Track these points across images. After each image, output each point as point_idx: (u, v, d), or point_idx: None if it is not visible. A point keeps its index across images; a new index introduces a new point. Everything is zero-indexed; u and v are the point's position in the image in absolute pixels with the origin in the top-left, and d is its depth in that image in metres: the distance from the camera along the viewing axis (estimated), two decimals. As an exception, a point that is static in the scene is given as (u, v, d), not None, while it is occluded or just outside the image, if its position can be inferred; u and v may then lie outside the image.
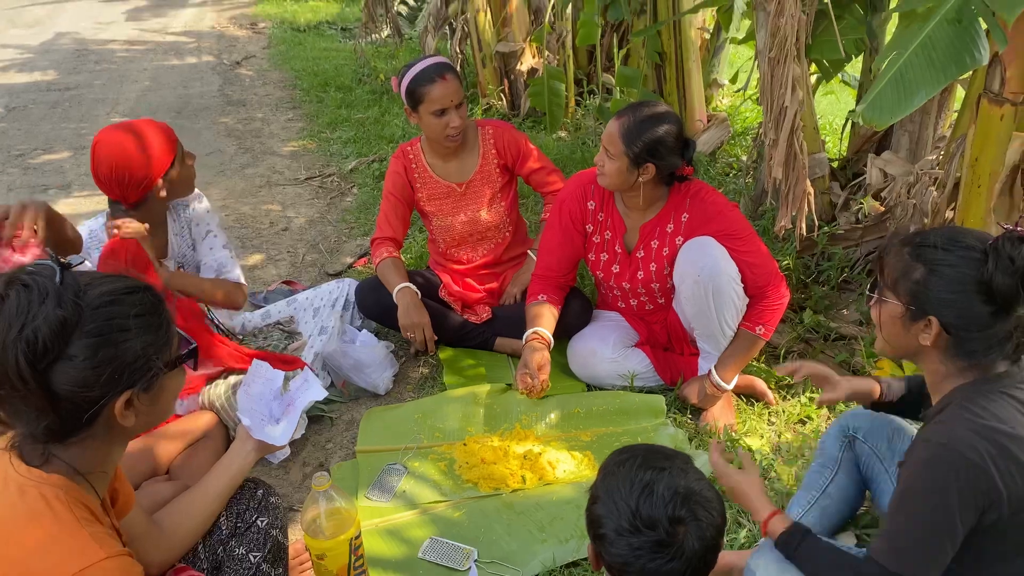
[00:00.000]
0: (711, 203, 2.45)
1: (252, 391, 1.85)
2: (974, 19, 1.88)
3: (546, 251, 2.68)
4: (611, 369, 2.63)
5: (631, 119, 2.32)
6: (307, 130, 5.70)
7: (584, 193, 2.59)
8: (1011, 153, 2.19)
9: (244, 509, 1.76)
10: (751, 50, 3.87)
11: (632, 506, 1.26)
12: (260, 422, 1.79)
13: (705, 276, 2.35)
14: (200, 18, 10.39)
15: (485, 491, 2.26)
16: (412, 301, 2.73)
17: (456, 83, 2.66)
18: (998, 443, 1.38)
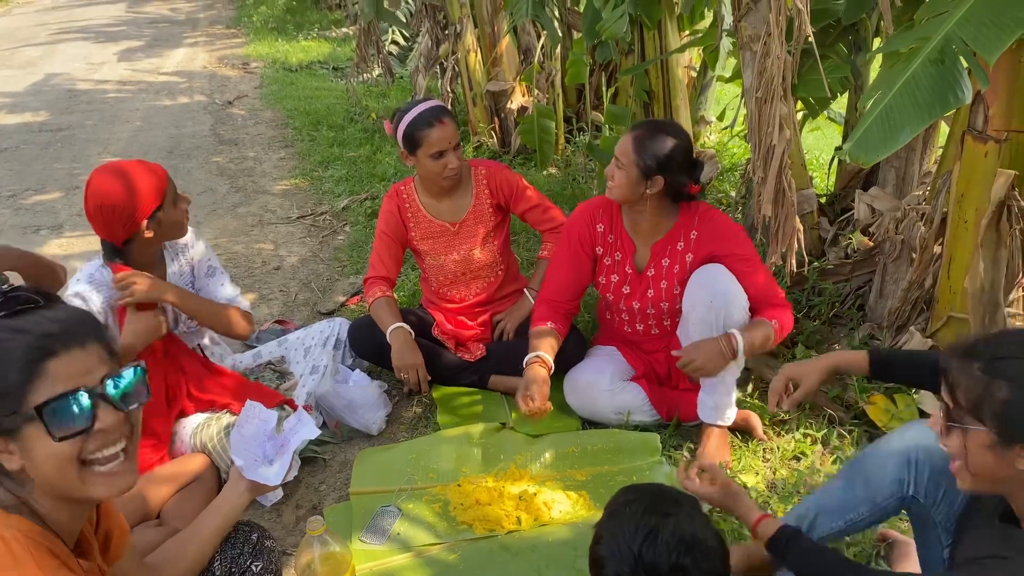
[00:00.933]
0: (721, 223, 2.51)
1: (245, 432, 1.84)
2: (956, 59, 1.92)
3: (554, 275, 2.69)
4: (608, 401, 2.63)
5: (644, 131, 2.40)
6: (299, 168, 5.73)
7: (593, 216, 2.63)
8: (996, 189, 2.22)
9: (239, 554, 1.74)
10: (738, 87, 3.93)
11: (635, 550, 1.25)
12: (253, 463, 1.78)
13: (719, 302, 2.38)
14: (192, 58, 10.48)
15: (480, 533, 2.23)
16: (406, 341, 2.73)
17: (453, 125, 2.69)
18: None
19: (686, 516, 1.29)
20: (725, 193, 4.64)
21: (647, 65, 3.94)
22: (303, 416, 1.88)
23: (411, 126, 2.68)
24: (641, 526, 1.27)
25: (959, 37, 1.92)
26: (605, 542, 1.30)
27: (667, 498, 1.33)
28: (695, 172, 2.46)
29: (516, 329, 2.94)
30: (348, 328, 2.91)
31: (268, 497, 2.39)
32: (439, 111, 2.69)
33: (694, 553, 1.25)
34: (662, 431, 2.61)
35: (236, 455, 1.77)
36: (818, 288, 3.16)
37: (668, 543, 1.25)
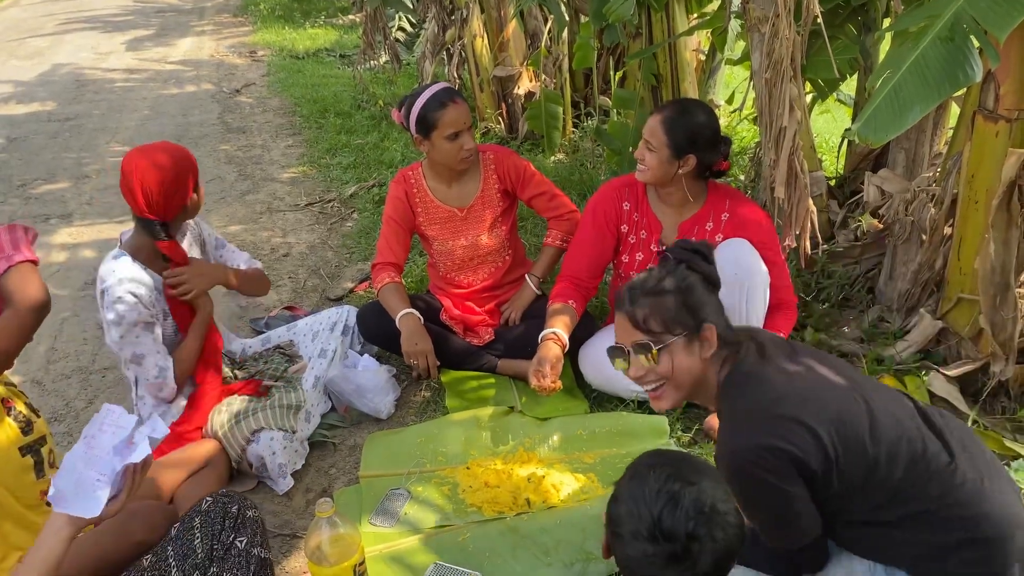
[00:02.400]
0: (753, 208, 2.56)
1: (96, 443, 1.52)
2: (966, 37, 1.90)
3: (576, 253, 2.70)
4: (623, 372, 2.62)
5: (672, 111, 2.43)
6: (307, 156, 5.73)
7: (619, 195, 2.64)
8: (1007, 169, 2.20)
9: (219, 529, 1.70)
10: (746, 70, 3.90)
11: (654, 514, 1.25)
12: (87, 485, 1.48)
13: (744, 274, 2.40)
14: (199, 47, 10.47)
15: (489, 515, 2.24)
16: (415, 327, 2.73)
17: (465, 106, 2.69)
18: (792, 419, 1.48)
19: (709, 486, 1.28)
20: (735, 177, 4.62)
21: (655, 48, 3.91)
22: (156, 423, 1.60)
23: (424, 108, 2.67)
24: (663, 491, 1.26)
25: (969, 15, 1.90)
26: (624, 501, 1.30)
27: (691, 466, 1.33)
28: (724, 148, 2.49)
29: (521, 316, 2.95)
30: (357, 313, 2.91)
31: (278, 484, 2.40)
32: (451, 92, 2.69)
33: (711, 524, 1.25)
34: (669, 414, 2.61)
35: (60, 478, 1.46)
36: (827, 271, 3.15)
37: (688, 511, 1.25)
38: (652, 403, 1.70)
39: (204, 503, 1.76)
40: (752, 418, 1.52)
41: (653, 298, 1.62)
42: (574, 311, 2.62)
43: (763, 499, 1.52)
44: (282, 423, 2.43)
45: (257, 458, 2.37)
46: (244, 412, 2.41)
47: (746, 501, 1.51)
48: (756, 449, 1.47)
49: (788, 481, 1.48)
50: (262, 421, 2.39)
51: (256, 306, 3.55)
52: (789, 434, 1.47)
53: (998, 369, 2.38)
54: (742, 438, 1.51)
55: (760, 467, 1.47)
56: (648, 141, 2.44)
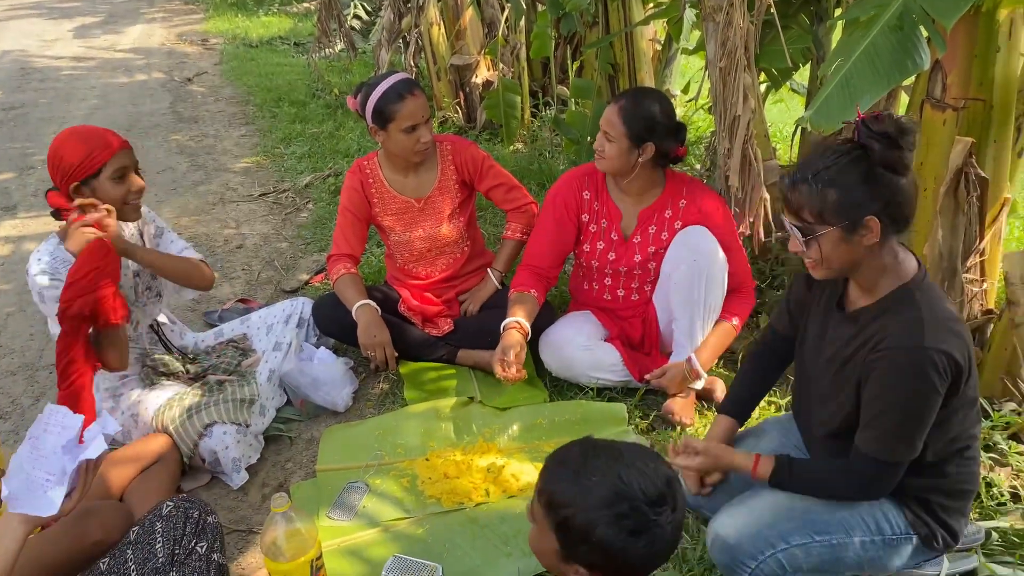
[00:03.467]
0: (709, 195, 2.59)
1: (41, 444, 1.52)
2: (915, 26, 1.92)
3: (537, 242, 2.70)
4: (584, 357, 2.64)
5: (628, 100, 2.44)
6: (261, 146, 5.64)
7: (579, 184, 2.65)
8: (954, 156, 2.24)
9: (180, 534, 1.70)
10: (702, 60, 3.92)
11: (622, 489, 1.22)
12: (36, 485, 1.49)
13: (703, 260, 2.44)
14: (149, 35, 10.23)
15: (448, 506, 2.23)
16: (372, 318, 2.69)
17: (424, 98, 2.66)
18: (959, 334, 1.57)
19: (629, 452, 1.28)
20: (690, 166, 4.65)
21: (611, 38, 3.92)
22: (107, 420, 1.60)
23: (382, 100, 2.62)
24: (608, 477, 1.24)
25: (918, 4, 1.92)
26: (581, 508, 1.23)
27: (598, 447, 1.31)
28: (680, 135, 2.51)
29: (479, 308, 2.93)
30: (312, 305, 2.87)
31: (233, 479, 2.36)
32: (410, 84, 2.65)
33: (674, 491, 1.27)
34: (628, 400, 2.63)
35: (10, 480, 1.47)
36: (781, 258, 3.19)
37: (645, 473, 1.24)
38: (814, 273, 1.71)
39: (165, 508, 1.73)
40: (940, 325, 1.57)
41: (809, 187, 1.59)
42: (535, 300, 2.62)
43: (914, 398, 1.57)
44: (235, 417, 2.38)
45: (210, 453, 2.33)
46: (196, 406, 2.37)
47: (896, 396, 1.58)
48: (938, 352, 1.53)
49: (940, 389, 1.56)
50: (214, 415, 2.35)
51: (209, 299, 3.48)
52: (963, 347, 1.56)
53: (946, 353, 2.43)
54: (931, 337, 1.55)
55: (934, 367, 1.53)
56: (606, 131, 2.45)
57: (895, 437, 1.60)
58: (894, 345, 1.58)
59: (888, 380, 1.58)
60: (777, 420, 2.13)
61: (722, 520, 1.80)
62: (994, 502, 2.11)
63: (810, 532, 1.71)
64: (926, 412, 1.57)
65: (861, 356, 1.65)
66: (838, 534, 1.72)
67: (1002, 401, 2.37)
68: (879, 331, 1.62)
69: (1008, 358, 2.34)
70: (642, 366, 2.65)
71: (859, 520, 1.72)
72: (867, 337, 1.65)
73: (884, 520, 1.72)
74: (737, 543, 1.74)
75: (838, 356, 1.73)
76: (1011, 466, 2.18)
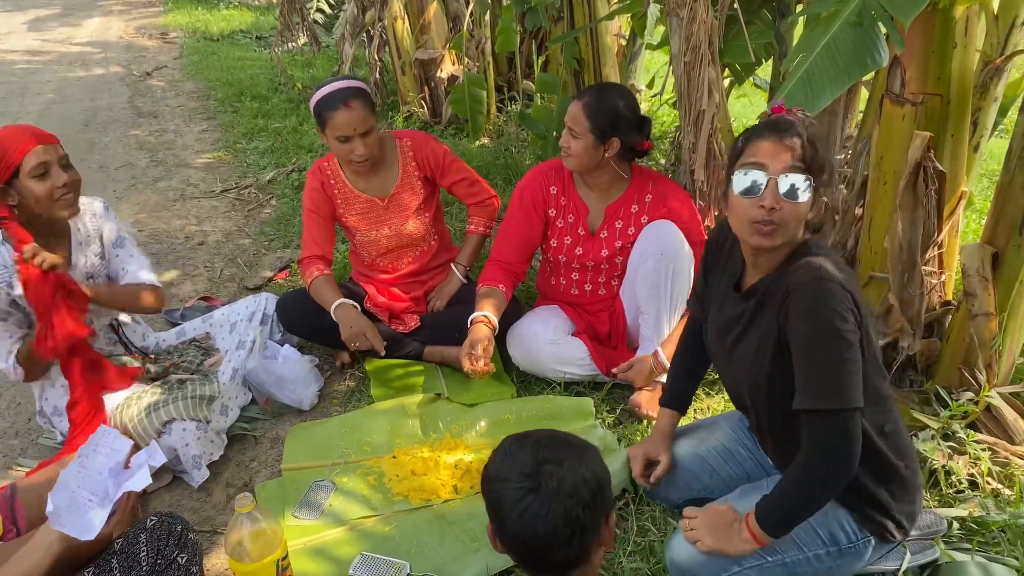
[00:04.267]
0: (674, 189, 2.61)
1: (89, 463, 1.63)
2: (874, 23, 1.95)
3: (505, 237, 2.70)
4: (552, 352, 2.64)
5: (591, 96, 2.44)
6: (222, 141, 5.55)
7: (546, 179, 2.66)
8: (913, 151, 2.28)
9: (164, 545, 1.72)
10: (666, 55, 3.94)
11: (513, 455, 1.31)
12: (79, 505, 1.59)
13: (670, 253, 2.46)
14: (107, 28, 10.03)
15: (416, 503, 2.22)
16: (349, 313, 2.67)
17: (363, 111, 2.57)
18: (851, 276, 1.61)
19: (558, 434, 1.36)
20: (656, 161, 4.68)
21: (576, 33, 3.92)
22: (154, 452, 1.72)
23: (319, 104, 2.59)
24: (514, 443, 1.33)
25: (876, 1, 1.95)
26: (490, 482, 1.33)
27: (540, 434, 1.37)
28: (645, 128, 2.52)
29: (445, 304, 2.92)
30: (276, 303, 2.83)
31: (194, 478, 2.32)
32: (350, 93, 2.57)
33: (556, 448, 1.31)
34: (595, 394, 2.64)
35: (55, 494, 1.55)
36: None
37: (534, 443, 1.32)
38: (761, 240, 1.63)
39: (150, 521, 1.75)
40: (836, 265, 1.60)
41: (816, 143, 1.60)
42: (503, 295, 2.61)
43: (830, 331, 1.54)
44: (194, 413, 2.35)
45: (170, 450, 2.29)
46: (155, 404, 2.33)
47: (814, 332, 1.56)
48: (838, 284, 1.55)
49: (851, 320, 1.55)
50: (173, 412, 2.31)
51: (171, 297, 3.42)
52: (857, 291, 1.59)
53: (906, 344, 2.47)
54: (829, 273, 1.57)
55: (838, 298, 1.54)
56: (572, 128, 2.45)
57: (830, 379, 1.54)
58: (799, 283, 1.59)
59: (802, 318, 1.57)
60: (730, 414, 2.16)
61: (676, 544, 1.79)
62: (953, 490, 2.16)
63: (762, 553, 1.70)
64: (846, 346, 1.54)
65: (770, 314, 1.66)
66: (791, 552, 1.72)
67: (960, 391, 2.41)
68: (783, 283, 1.64)
69: (965, 348, 2.39)
70: (609, 360, 2.66)
71: (813, 535, 1.72)
72: (775, 292, 1.66)
73: (839, 530, 1.72)
74: (691, 567, 1.74)
75: (743, 331, 1.75)
76: (968, 454, 2.23)
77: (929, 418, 2.35)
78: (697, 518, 1.76)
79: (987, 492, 2.14)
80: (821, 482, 1.59)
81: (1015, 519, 1.98)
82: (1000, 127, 3.44)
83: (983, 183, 4.46)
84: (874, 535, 1.73)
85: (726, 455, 2.06)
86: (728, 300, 1.82)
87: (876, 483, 1.69)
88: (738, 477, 2.04)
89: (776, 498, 1.64)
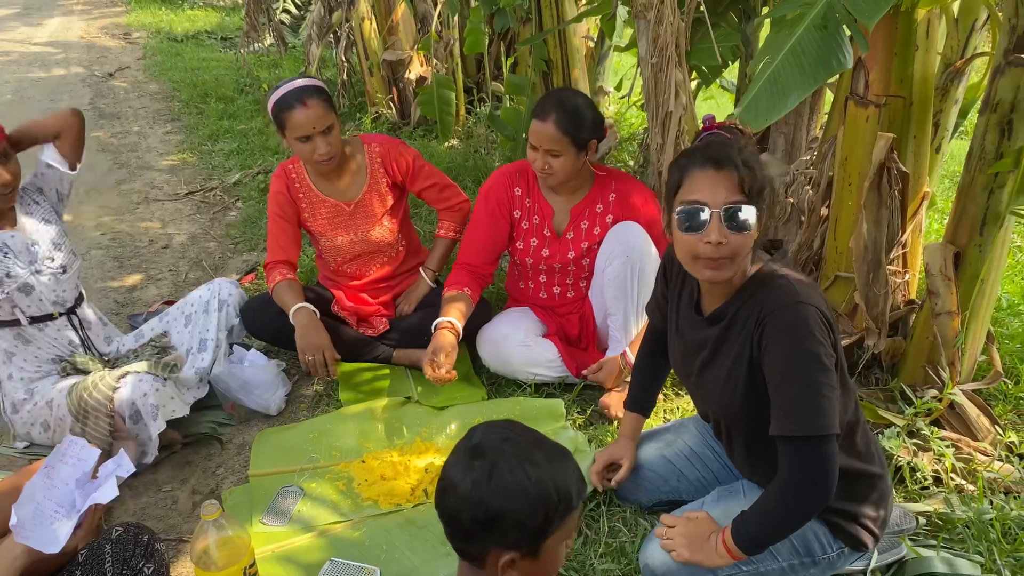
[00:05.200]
0: (637, 187, 2.62)
1: (56, 473, 1.59)
2: (838, 25, 1.97)
3: (471, 240, 2.69)
4: (523, 354, 2.63)
5: (557, 112, 2.41)
6: (187, 143, 5.48)
7: (510, 181, 2.66)
8: (877, 152, 2.31)
9: (130, 555, 1.69)
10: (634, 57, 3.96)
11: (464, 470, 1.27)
12: (45, 517, 1.55)
13: (635, 255, 2.47)
14: (67, 28, 9.85)
15: (386, 508, 2.20)
16: (308, 322, 2.58)
17: (320, 108, 2.51)
18: (821, 295, 1.60)
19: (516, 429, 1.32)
20: (624, 163, 4.70)
21: (545, 35, 3.92)
22: (122, 460, 1.67)
23: (276, 107, 2.54)
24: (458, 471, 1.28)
25: (841, 3, 1.96)
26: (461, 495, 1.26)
27: None
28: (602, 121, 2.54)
29: (414, 307, 2.90)
30: (241, 308, 2.74)
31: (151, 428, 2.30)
32: (305, 92, 2.51)
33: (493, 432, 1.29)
34: (565, 396, 2.63)
35: (20, 507, 1.52)
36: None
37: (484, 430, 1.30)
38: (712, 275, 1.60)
39: (115, 531, 1.72)
40: (805, 286, 1.59)
41: (754, 168, 1.56)
42: (470, 299, 2.60)
43: (807, 356, 1.53)
44: (151, 369, 2.34)
45: (129, 406, 2.26)
46: (104, 373, 2.32)
47: (790, 358, 1.55)
48: (812, 307, 1.54)
49: (826, 343, 1.54)
50: (127, 368, 2.32)
51: (134, 301, 3.36)
52: (828, 309, 1.58)
53: (872, 343, 2.50)
54: (803, 295, 1.56)
55: (814, 320, 1.53)
56: (550, 150, 2.43)
57: (806, 406, 1.52)
58: (774, 308, 1.57)
59: (780, 343, 1.55)
60: (697, 416, 2.16)
61: (651, 550, 1.79)
62: (918, 487, 2.18)
63: (737, 564, 1.70)
64: (825, 372, 1.53)
65: (740, 339, 1.64)
66: (765, 563, 1.72)
67: (924, 388, 2.45)
68: (754, 307, 1.61)
69: (929, 347, 2.42)
70: (580, 361, 2.66)
71: (789, 547, 1.72)
72: (744, 316, 1.63)
73: (815, 541, 1.73)
74: (665, 574, 1.74)
75: (711, 357, 1.73)
76: (933, 451, 2.26)
77: (894, 416, 2.38)
78: (674, 528, 1.75)
79: (951, 488, 2.17)
80: (800, 508, 1.58)
81: (979, 515, 2.01)
82: (961, 129, 3.51)
83: (945, 184, 4.54)
84: (848, 545, 1.74)
85: (693, 458, 2.07)
86: (690, 323, 1.80)
87: (851, 498, 1.70)
88: (706, 480, 2.05)
89: (753, 518, 1.62)
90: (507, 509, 1.22)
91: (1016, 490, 2.16)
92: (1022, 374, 2.64)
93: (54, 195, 2.52)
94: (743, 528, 1.63)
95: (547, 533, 1.24)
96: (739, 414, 1.70)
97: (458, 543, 1.30)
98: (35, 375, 2.38)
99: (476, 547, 1.27)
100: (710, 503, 1.86)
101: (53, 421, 2.33)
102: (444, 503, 1.28)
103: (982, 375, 2.52)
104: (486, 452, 1.25)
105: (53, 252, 2.39)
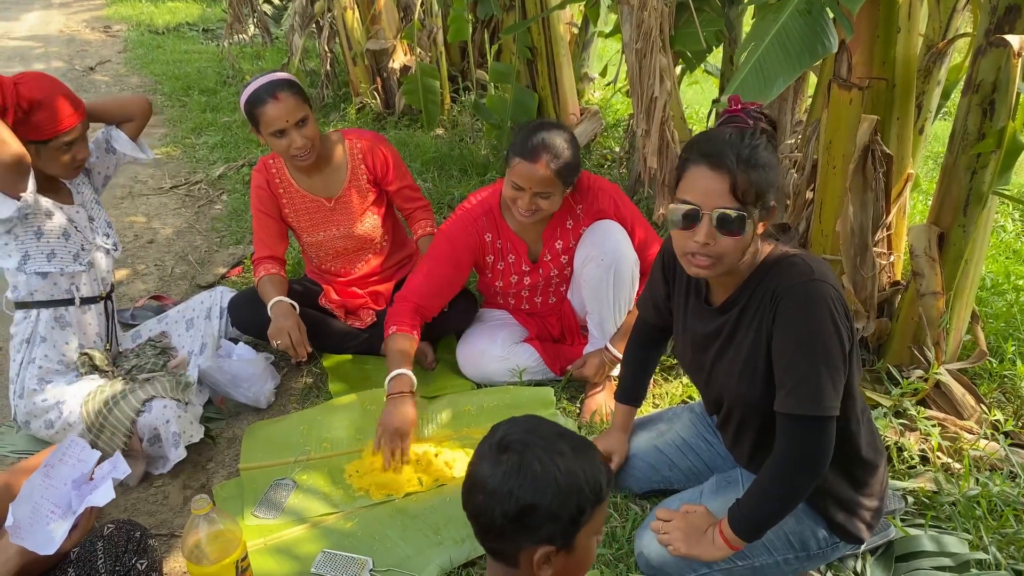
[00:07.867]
0: (597, 185, 2.54)
1: (55, 473, 1.59)
2: (822, 10, 1.97)
3: (429, 280, 2.52)
4: (501, 367, 2.64)
5: (547, 154, 2.29)
6: (170, 136, 5.43)
7: (478, 228, 2.54)
8: (861, 135, 2.32)
9: (122, 552, 1.69)
10: (619, 43, 3.96)
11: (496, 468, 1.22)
12: (41, 516, 1.56)
13: (609, 258, 2.43)
14: (47, 21, 9.73)
15: (377, 498, 2.20)
16: (279, 311, 2.56)
17: (293, 100, 2.47)
18: (835, 276, 1.59)
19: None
20: (610, 149, 4.70)
21: (529, 22, 3.91)
22: (118, 462, 1.68)
23: (248, 104, 2.50)
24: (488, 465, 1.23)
25: (824, -13, 1.97)
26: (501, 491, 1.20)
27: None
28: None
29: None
30: (228, 302, 2.75)
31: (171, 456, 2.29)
32: (276, 85, 2.47)
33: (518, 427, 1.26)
34: (555, 384, 2.64)
35: (17, 507, 1.53)
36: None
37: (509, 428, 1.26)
38: (698, 271, 1.60)
39: (107, 529, 1.72)
40: (821, 265, 1.58)
41: (753, 169, 1.51)
42: (416, 342, 2.49)
43: (819, 333, 1.52)
44: (174, 394, 2.34)
45: (150, 429, 2.26)
46: (130, 388, 2.30)
47: (802, 333, 1.54)
48: (829, 285, 1.54)
49: (840, 324, 1.53)
50: (151, 391, 2.30)
51: (121, 296, 3.34)
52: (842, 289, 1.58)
53: (860, 325, 2.52)
54: (819, 272, 1.55)
55: (830, 298, 1.53)
56: (542, 192, 2.34)
57: (812, 384, 1.52)
58: (789, 285, 1.56)
59: (791, 317, 1.54)
60: (692, 405, 2.19)
61: (647, 540, 1.80)
62: (905, 466, 2.21)
63: (732, 558, 1.71)
64: (834, 351, 1.52)
65: (755, 323, 1.62)
66: (761, 556, 1.74)
67: (910, 369, 2.47)
68: (768, 287, 1.60)
69: (914, 327, 2.44)
70: (564, 359, 2.67)
71: (785, 541, 1.74)
72: (757, 299, 1.62)
73: (811, 536, 1.74)
74: (660, 566, 1.75)
75: (724, 346, 1.71)
76: (919, 430, 2.28)
77: (881, 396, 2.41)
78: (671, 522, 1.76)
79: (938, 467, 2.19)
80: (794, 485, 1.59)
81: (965, 493, 2.04)
82: (943, 110, 3.53)
83: (928, 165, 4.57)
84: (843, 538, 1.75)
85: (685, 448, 2.08)
86: (700, 316, 1.78)
87: (851, 488, 1.72)
88: (698, 469, 2.06)
89: (749, 503, 1.64)
90: (539, 501, 1.18)
91: (1001, 467, 2.18)
92: (1006, 353, 2.67)
93: (100, 178, 2.56)
94: (739, 513, 1.65)
95: (580, 524, 1.21)
96: (759, 402, 1.67)
97: (490, 542, 1.26)
98: (54, 368, 2.35)
99: (509, 544, 1.22)
100: (708, 495, 1.86)
101: (59, 423, 2.29)
102: (473, 501, 1.24)
103: (967, 354, 2.54)
104: (512, 446, 1.22)
105: (108, 229, 2.48)
